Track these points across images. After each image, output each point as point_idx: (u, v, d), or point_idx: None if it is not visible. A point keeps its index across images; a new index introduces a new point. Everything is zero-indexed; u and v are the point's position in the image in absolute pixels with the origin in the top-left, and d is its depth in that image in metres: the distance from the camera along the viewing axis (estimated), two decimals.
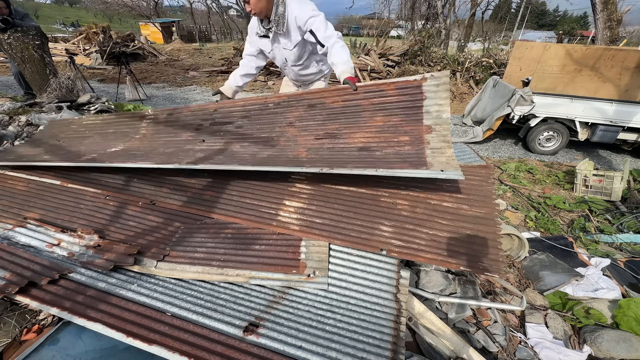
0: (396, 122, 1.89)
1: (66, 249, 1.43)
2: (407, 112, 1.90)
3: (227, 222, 1.64)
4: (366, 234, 1.52)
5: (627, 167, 3.94)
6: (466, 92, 8.98)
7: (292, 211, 1.66)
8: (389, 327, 1.17)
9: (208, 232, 1.58)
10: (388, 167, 1.52)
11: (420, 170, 1.47)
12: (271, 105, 2.25)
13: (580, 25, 44.31)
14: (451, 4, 13.78)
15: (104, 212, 1.71)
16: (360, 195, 1.76)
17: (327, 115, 2.07)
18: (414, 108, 1.89)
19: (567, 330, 1.83)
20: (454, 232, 1.52)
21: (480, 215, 1.62)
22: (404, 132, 1.83)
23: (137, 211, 1.72)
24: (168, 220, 1.66)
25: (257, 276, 1.32)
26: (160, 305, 1.16)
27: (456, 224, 1.57)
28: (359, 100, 2.02)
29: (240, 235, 1.55)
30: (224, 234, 1.56)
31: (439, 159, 1.59)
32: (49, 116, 4.16)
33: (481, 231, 1.52)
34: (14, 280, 1.18)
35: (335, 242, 1.48)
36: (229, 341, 1.05)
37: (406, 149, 1.73)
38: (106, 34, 13.15)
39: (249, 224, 1.61)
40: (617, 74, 4.98)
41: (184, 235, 1.56)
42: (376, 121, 1.93)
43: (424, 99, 1.89)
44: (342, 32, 18.64)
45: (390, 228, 1.54)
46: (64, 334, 1.21)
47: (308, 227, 1.56)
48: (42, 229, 1.56)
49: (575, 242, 2.74)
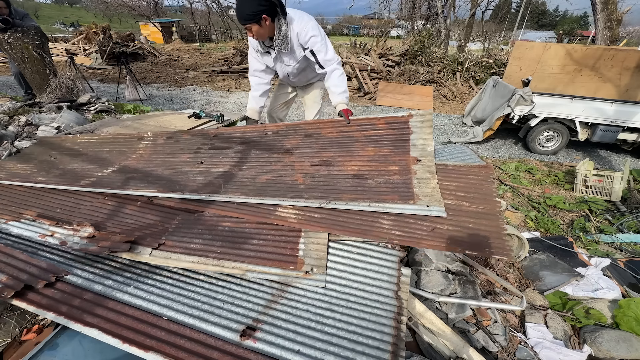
0: (386, 153, 2.05)
1: (59, 239, 1.43)
2: (395, 144, 2.09)
3: (225, 216, 1.64)
4: (366, 226, 1.52)
5: (627, 167, 3.94)
6: (466, 92, 8.99)
7: (291, 207, 1.66)
8: (389, 327, 1.15)
9: (205, 224, 1.58)
10: (380, 200, 1.65)
11: (408, 205, 1.62)
12: (270, 133, 2.37)
13: (580, 25, 44.32)
14: (451, 4, 13.77)
15: (102, 211, 1.71)
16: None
17: (322, 144, 2.21)
18: (402, 141, 2.09)
19: (567, 330, 1.83)
20: (456, 225, 1.51)
21: (482, 211, 1.62)
22: (393, 162, 1.97)
23: (135, 210, 1.73)
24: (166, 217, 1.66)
25: (253, 270, 1.32)
26: (156, 309, 1.15)
27: (458, 218, 1.56)
28: (352, 132, 2.22)
29: (238, 229, 1.55)
30: (222, 227, 1.56)
31: (425, 190, 1.72)
32: (49, 116, 4.16)
33: (484, 224, 1.52)
34: (10, 284, 1.16)
35: (335, 232, 1.48)
36: (226, 347, 1.04)
37: (395, 177, 1.86)
38: (106, 34, 13.16)
39: (247, 217, 1.61)
40: (617, 74, 4.98)
41: (180, 227, 1.56)
42: (367, 151, 2.09)
43: (411, 133, 2.12)
44: (342, 32, 18.61)
45: (391, 221, 1.54)
46: (63, 339, 1.21)
47: (307, 221, 1.56)
48: (36, 222, 1.56)
49: (575, 242, 2.73)
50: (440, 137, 6.17)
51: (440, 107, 8.40)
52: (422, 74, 9.28)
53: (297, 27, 2.09)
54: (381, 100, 8.41)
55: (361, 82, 9.10)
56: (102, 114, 4.80)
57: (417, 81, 9.16)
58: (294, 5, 25.15)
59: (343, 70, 2.32)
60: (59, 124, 3.90)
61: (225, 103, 8.12)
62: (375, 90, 8.91)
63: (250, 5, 1.88)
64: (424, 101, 8.31)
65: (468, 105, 7.06)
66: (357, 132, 2.20)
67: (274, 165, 2.09)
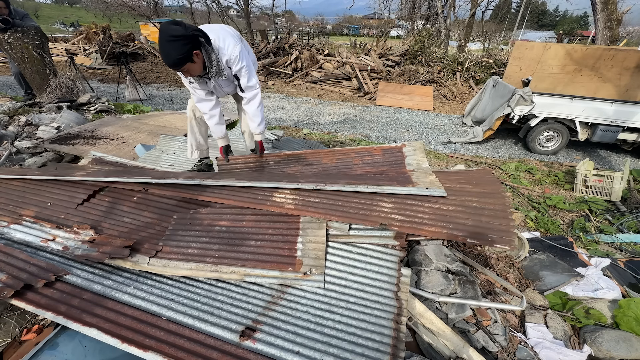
0: (383, 170, 2.21)
1: (61, 244, 1.43)
2: (392, 165, 2.28)
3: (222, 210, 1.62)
4: (365, 210, 1.50)
5: (627, 167, 3.94)
6: (466, 92, 8.98)
7: (288, 192, 1.66)
8: (389, 328, 1.15)
9: (202, 224, 1.57)
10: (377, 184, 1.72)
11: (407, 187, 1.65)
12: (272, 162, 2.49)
13: (580, 25, 44.30)
14: (451, 4, 13.77)
15: (99, 209, 1.71)
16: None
17: (323, 169, 2.35)
18: (398, 162, 2.28)
19: (567, 330, 1.83)
20: (460, 205, 1.49)
21: (486, 191, 1.60)
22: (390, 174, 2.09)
23: (132, 207, 1.72)
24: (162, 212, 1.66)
25: (252, 274, 1.31)
26: (156, 309, 1.15)
27: (461, 198, 1.54)
28: (351, 158, 2.40)
29: (235, 229, 1.54)
30: (219, 227, 1.55)
31: (424, 180, 1.81)
32: (49, 116, 4.16)
33: (489, 203, 1.50)
34: (10, 283, 1.16)
35: (333, 218, 1.48)
36: (225, 347, 1.04)
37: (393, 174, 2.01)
38: (106, 34, 13.17)
39: (243, 204, 1.60)
40: (617, 74, 4.98)
41: (177, 227, 1.55)
42: (366, 170, 2.23)
43: (405, 157, 2.34)
44: (342, 32, 18.59)
45: (391, 204, 1.53)
46: (63, 338, 1.21)
47: (304, 206, 1.55)
48: (37, 225, 1.55)
49: (575, 242, 2.73)
50: (440, 137, 6.16)
51: (440, 107, 8.40)
52: (422, 74, 9.28)
53: (225, 53, 2.02)
54: (381, 100, 8.41)
55: (361, 82, 9.10)
56: (102, 114, 4.80)
57: (417, 81, 9.16)
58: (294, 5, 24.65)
59: (261, 99, 2.31)
60: (59, 124, 3.90)
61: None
62: (375, 90, 8.91)
63: (178, 49, 1.75)
64: (424, 101, 8.31)
65: (468, 105, 7.06)
66: (356, 159, 2.39)
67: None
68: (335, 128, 6.41)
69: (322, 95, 9.11)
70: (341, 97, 8.98)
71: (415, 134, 6.31)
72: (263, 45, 11.72)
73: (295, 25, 33.01)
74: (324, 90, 9.51)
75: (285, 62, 10.64)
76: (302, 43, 12.66)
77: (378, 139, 5.90)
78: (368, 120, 6.95)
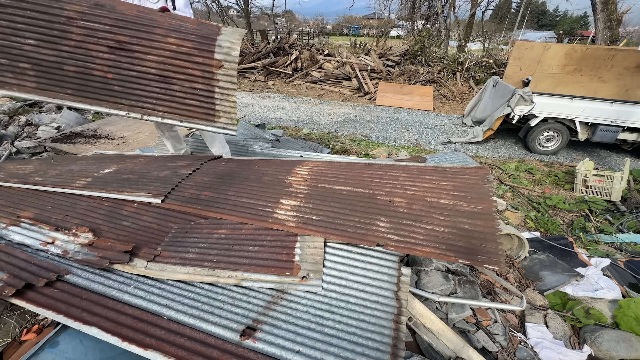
0: (189, 48, 2.08)
1: (60, 247, 1.43)
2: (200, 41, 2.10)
3: (222, 221, 1.63)
4: (363, 230, 1.51)
5: (627, 167, 3.94)
6: (466, 92, 8.98)
7: (289, 209, 1.66)
8: (389, 328, 1.15)
9: (201, 232, 1.57)
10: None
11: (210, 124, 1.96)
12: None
13: (580, 25, 44.26)
14: (451, 4, 13.75)
15: (98, 212, 1.70)
16: (357, 194, 1.77)
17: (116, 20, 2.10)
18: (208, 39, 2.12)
19: (567, 330, 1.83)
20: (452, 227, 1.52)
21: (478, 211, 1.61)
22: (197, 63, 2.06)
23: (132, 212, 1.72)
24: (162, 220, 1.66)
25: (249, 278, 1.31)
26: (156, 309, 1.15)
27: (454, 219, 1.56)
28: (155, 17, 2.16)
29: (234, 236, 1.54)
30: (218, 235, 1.55)
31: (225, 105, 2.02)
32: (49, 116, 4.15)
33: (479, 225, 1.52)
34: (11, 282, 1.17)
35: (331, 237, 1.48)
36: (226, 346, 1.04)
37: (198, 86, 2.05)
38: None
39: (244, 220, 1.61)
40: (617, 74, 4.98)
41: (177, 235, 1.55)
42: (170, 43, 2.08)
43: (220, 34, 2.16)
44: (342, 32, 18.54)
45: (387, 224, 1.54)
46: (63, 337, 1.21)
47: (304, 224, 1.56)
48: (36, 227, 1.55)
49: (575, 242, 2.73)
50: (440, 137, 6.17)
51: (440, 107, 8.40)
52: (422, 74, 9.28)
53: None
54: (381, 100, 8.41)
55: (361, 82, 9.10)
56: (102, 114, 4.80)
57: (417, 81, 9.16)
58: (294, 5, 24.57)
59: None
60: (59, 124, 3.90)
61: None
62: (375, 90, 8.91)
63: None
64: (424, 101, 8.31)
65: (468, 105, 7.06)
66: (162, 19, 2.16)
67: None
68: (335, 128, 6.42)
69: (322, 95, 9.11)
70: (341, 97, 8.98)
71: (415, 134, 6.31)
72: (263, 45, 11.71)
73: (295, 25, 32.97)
74: (324, 90, 9.51)
75: (285, 62, 10.64)
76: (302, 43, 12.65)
77: (378, 138, 5.90)
78: (368, 120, 6.95)
